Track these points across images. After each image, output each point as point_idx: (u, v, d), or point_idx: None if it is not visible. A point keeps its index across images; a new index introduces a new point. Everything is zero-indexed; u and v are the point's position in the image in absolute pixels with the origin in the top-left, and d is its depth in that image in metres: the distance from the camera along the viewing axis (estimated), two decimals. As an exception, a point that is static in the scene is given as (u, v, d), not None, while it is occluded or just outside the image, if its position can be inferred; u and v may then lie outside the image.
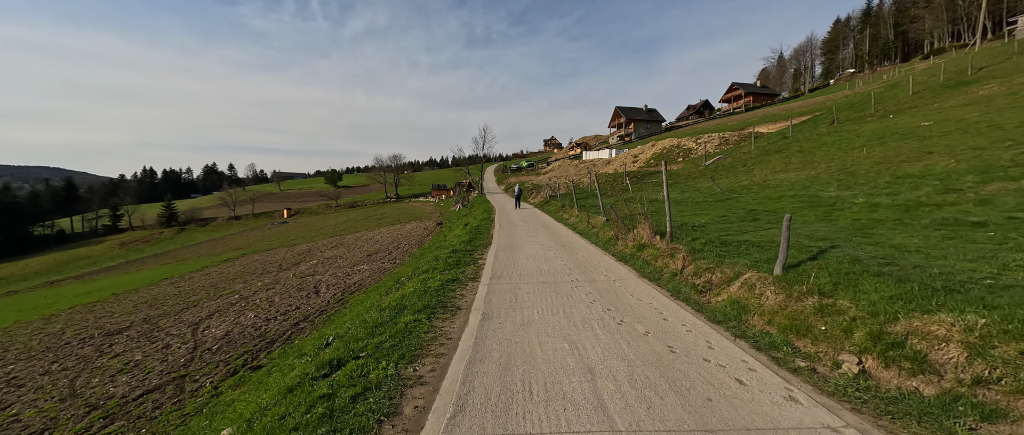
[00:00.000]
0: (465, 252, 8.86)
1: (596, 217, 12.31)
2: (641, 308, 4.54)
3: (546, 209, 21.23)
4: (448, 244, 10.94)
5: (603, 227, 10.59)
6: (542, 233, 11.91)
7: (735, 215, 10.09)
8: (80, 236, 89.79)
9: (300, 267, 19.43)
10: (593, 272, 6.47)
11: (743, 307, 4.00)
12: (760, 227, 7.93)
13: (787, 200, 12.34)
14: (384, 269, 14.73)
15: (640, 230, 7.91)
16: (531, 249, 9.03)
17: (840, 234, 6.37)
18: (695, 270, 5.37)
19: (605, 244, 9.01)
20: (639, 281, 5.79)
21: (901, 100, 29.55)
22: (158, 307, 14.07)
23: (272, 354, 7.30)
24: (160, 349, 8.58)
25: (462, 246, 9.64)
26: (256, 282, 16.45)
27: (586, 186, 32.98)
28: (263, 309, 11.12)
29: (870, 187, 11.79)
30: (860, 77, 69.37)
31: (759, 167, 21.66)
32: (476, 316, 4.48)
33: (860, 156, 17.28)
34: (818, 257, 4.70)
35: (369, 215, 55.55)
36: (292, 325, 9.05)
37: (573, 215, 15.35)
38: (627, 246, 8.05)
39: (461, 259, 8.05)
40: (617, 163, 39.47)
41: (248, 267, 22.98)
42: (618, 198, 21.29)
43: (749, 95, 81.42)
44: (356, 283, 13.05)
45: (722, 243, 6.26)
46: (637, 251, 7.39)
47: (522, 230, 12.93)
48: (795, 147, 23.99)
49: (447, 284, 5.97)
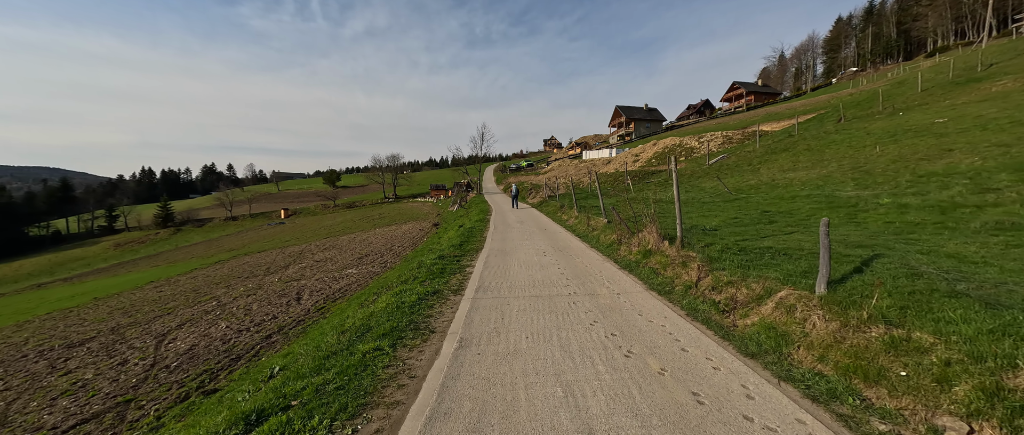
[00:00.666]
0: (453, 258, 8.04)
1: (597, 219, 11.49)
2: (652, 332, 3.73)
3: (544, 209, 20.42)
4: (437, 248, 10.14)
5: (605, 230, 9.78)
6: (539, 236, 11.10)
7: (748, 217, 9.28)
8: (76, 237, 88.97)
9: (288, 270, 18.62)
10: (594, 283, 5.66)
11: (782, 336, 3.19)
12: (779, 231, 7.12)
13: (801, 200, 11.53)
14: (373, 273, 13.93)
15: (646, 234, 7.10)
16: (525, 254, 8.21)
17: (877, 240, 5.56)
18: (714, 283, 4.56)
19: (607, 249, 8.19)
20: (647, 295, 4.97)
21: (910, 97, 28.78)
22: (132, 314, 13.26)
23: (234, 374, 6.50)
24: (116, 365, 7.78)
25: (451, 251, 8.83)
26: (239, 287, 15.64)
27: (586, 186, 32.17)
28: (238, 318, 10.31)
29: (891, 186, 10.98)
30: (863, 75, 68.58)
31: (766, 166, 20.86)
32: (451, 343, 3.67)
33: (873, 154, 16.50)
34: (864, 269, 3.90)
35: (366, 216, 54.78)
36: (264, 338, 8.24)
37: (572, 216, 14.54)
38: (631, 252, 7.24)
39: (447, 266, 7.23)
40: (618, 163, 38.66)
41: (236, 270, 22.18)
42: (619, 198, 20.46)
43: (751, 94, 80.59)
44: (342, 289, 12.25)
45: (741, 250, 5.45)
46: (643, 258, 6.57)
47: (518, 232, 12.11)
48: (802, 145, 23.20)
49: (425, 299, 5.15)
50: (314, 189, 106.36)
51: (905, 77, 41.24)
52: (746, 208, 11.02)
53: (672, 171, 5.96)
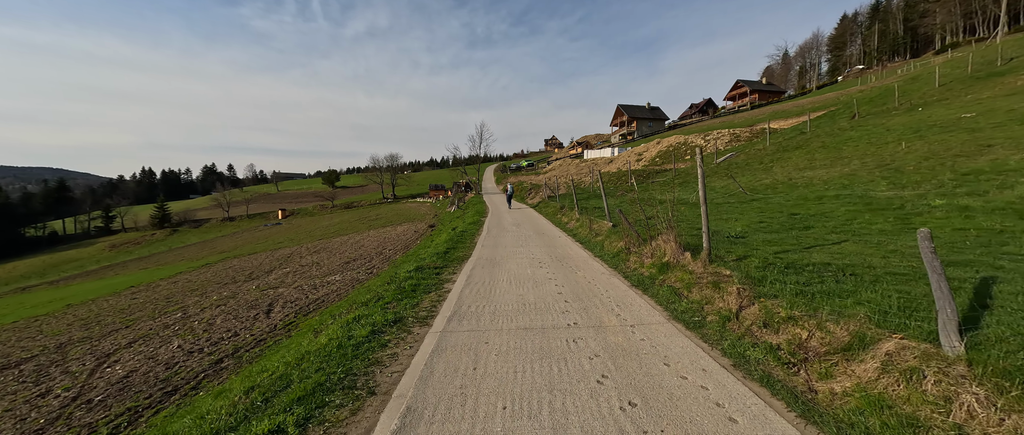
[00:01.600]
0: (432, 271, 6.83)
1: (600, 222, 10.27)
2: (689, 400, 2.52)
3: (544, 211, 19.19)
4: (420, 256, 8.94)
5: (610, 235, 8.56)
6: (535, 241, 9.88)
7: (775, 221, 8.05)
8: (72, 238, 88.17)
9: (270, 276, 17.47)
10: (599, 309, 4.45)
11: (909, 425, 1.98)
12: (823, 239, 5.90)
13: (831, 201, 10.28)
14: (356, 280, 12.77)
15: (661, 242, 5.88)
16: (518, 265, 7.00)
17: (966, 254, 4.34)
18: (764, 316, 3.34)
19: (613, 259, 6.98)
20: (671, 330, 3.76)
21: (927, 93, 27.53)
22: (91, 327, 12.09)
23: (162, 413, 5.33)
24: (36, 397, 6.62)
25: (432, 260, 7.63)
26: (213, 295, 14.49)
27: (588, 185, 30.94)
28: (196, 336, 9.13)
29: (933, 185, 9.73)
30: (871, 72, 67.17)
31: (779, 164, 19.63)
32: (392, 417, 2.47)
33: (898, 151, 15.29)
34: (990, 302, 2.69)
35: (363, 216, 53.70)
36: (213, 364, 7.05)
37: (573, 218, 13.32)
38: (643, 264, 6.03)
39: (422, 282, 6.03)
40: (620, 162, 37.41)
41: (219, 274, 21.07)
42: (623, 199, 19.23)
43: (755, 92, 79.21)
44: (319, 299, 11.10)
45: (788, 266, 4.24)
46: (658, 273, 5.35)
47: (512, 237, 10.89)
48: (816, 143, 21.96)
49: (380, 332, 3.94)
50: (313, 189, 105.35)
51: (918, 73, 39.87)
52: (768, 210, 9.79)
53: (698, 164, 4.75)
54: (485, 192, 45.06)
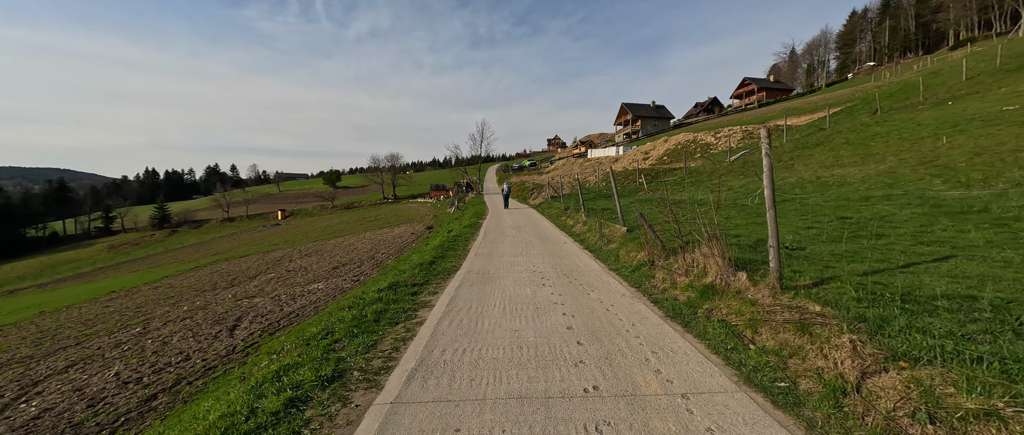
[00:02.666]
0: (410, 288, 5.50)
1: (612, 226, 8.90)
2: None
3: (546, 212, 17.82)
4: (399, 268, 7.62)
5: (625, 243, 7.20)
6: (537, 249, 8.54)
7: (826, 226, 6.66)
8: (72, 238, 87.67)
9: (252, 282, 16.23)
10: (628, 358, 3.10)
11: None
12: (914, 252, 4.53)
13: (881, 202, 8.86)
14: (340, 289, 11.48)
15: (701, 257, 4.51)
16: (515, 282, 5.66)
17: None
18: (921, 398, 1.98)
19: (633, 275, 5.62)
20: (752, 409, 2.40)
21: (954, 86, 26.01)
22: (42, 342, 10.87)
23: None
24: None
25: (413, 274, 6.30)
26: (186, 304, 13.26)
27: (593, 185, 29.55)
28: (144, 358, 7.86)
29: (1007, 183, 8.32)
30: (885, 68, 65.35)
31: (800, 162, 18.21)
32: None
33: (939, 146, 13.86)
34: None
35: (362, 217, 52.59)
36: (143, 401, 5.76)
37: (579, 221, 11.96)
38: (674, 283, 4.68)
39: (390, 306, 4.69)
40: (626, 161, 35.97)
41: (202, 280, 19.91)
42: (632, 199, 17.88)
43: (762, 90, 77.52)
44: (293, 313, 9.81)
45: (905, 299, 2.89)
46: (700, 299, 4.00)
47: (511, 243, 9.55)
48: (839, 139, 20.48)
49: (299, 407, 2.61)
50: (314, 190, 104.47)
51: (938, 67, 38.17)
52: (810, 213, 8.40)
53: (764, 154, 3.39)
54: (486, 192, 43.75)
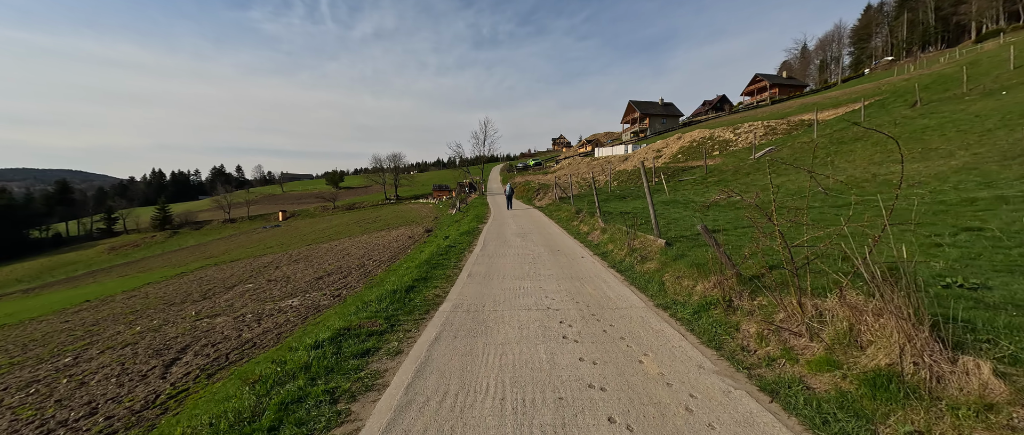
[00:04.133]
0: (358, 345, 3.66)
1: (644, 237, 7.02)
2: None
3: (555, 215, 15.91)
4: (364, 298, 5.79)
5: (669, 263, 5.33)
6: (548, 266, 6.69)
7: (967, 243, 4.76)
8: (75, 240, 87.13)
9: (225, 295, 14.54)
10: None
11: None
12: None
13: (997, 205, 6.87)
14: (314, 308, 9.73)
15: (847, 310, 2.63)
16: (520, 334, 3.82)
17: None
18: None
19: (699, 320, 3.75)
20: None
21: (1001, 76, 23.87)
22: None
23: None
24: None
25: (376, 312, 4.47)
26: (140, 324, 11.59)
27: (603, 185, 27.61)
28: (41, 408, 6.15)
29: None
30: (906, 62, 62.59)
31: (842, 158, 16.20)
32: None
33: (1020, 139, 11.88)
34: None
35: (362, 218, 51.02)
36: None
37: (596, 228, 10.08)
38: (791, 349, 2.84)
39: (338, 371, 2.87)
40: (636, 159, 33.98)
41: (177, 290, 18.30)
42: (641, 201, 16.01)
43: (775, 87, 74.95)
44: (250, 342, 8.10)
45: None
46: (873, 399, 2.15)
47: (515, 257, 7.69)
48: (873, 138, 18.30)
49: None
50: (316, 191, 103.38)
51: (973, 58, 35.80)
52: (918, 222, 6.49)
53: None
54: (490, 192, 41.97)
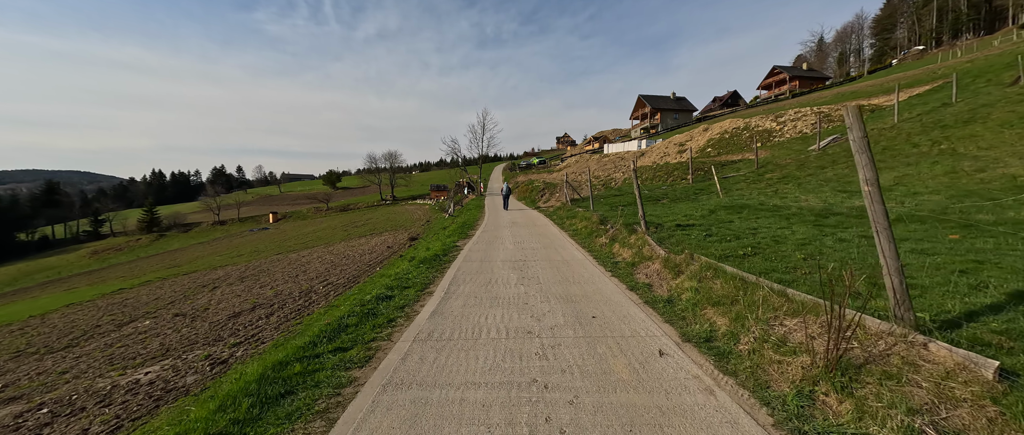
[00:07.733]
0: None
1: (790, 300, 2.98)
2: None
3: (567, 225, 11.68)
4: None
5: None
6: (572, 359, 2.73)
7: None
8: (60, 243, 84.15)
9: (70, 352, 10.63)
10: None
11: None
12: None
13: None
14: (160, 395, 5.78)
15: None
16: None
17: None
18: None
19: None
20: None
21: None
22: None
23: None
24: None
25: None
26: (41, 363, 7.71)
27: (618, 185, 23.43)
28: None
29: None
30: (946, 49, 57.68)
31: (959, 143, 12.00)
32: None
33: None
34: None
35: (352, 221, 47.20)
36: None
37: (630, 247, 6.02)
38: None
39: None
40: (656, 154, 29.80)
41: (124, 304, 15.22)
42: (693, 204, 11.91)
43: (795, 79, 70.32)
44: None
45: None
46: None
47: (506, 303, 3.70)
48: (995, 118, 13.88)
49: None
50: (313, 191, 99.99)
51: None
52: None
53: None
54: (490, 193, 38.02)
